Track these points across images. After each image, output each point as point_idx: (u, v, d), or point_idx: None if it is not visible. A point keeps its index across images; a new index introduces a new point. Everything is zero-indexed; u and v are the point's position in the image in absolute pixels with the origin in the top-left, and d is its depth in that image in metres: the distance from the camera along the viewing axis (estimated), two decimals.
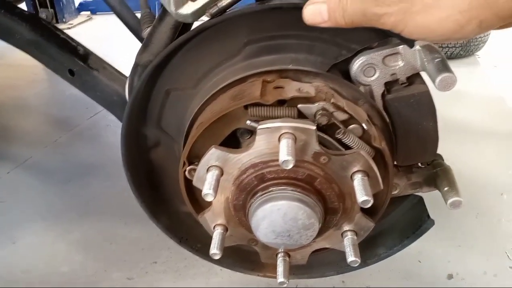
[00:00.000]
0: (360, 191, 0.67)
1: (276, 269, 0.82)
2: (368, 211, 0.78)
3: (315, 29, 0.66)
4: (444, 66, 0.68)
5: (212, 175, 0.71)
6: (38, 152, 1.95)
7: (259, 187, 0.73)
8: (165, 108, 0.87)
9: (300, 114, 0.72)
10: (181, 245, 0.97)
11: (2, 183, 1.74)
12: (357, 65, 0.75)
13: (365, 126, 0.72)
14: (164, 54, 0.77)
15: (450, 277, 1.27)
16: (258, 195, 0.73)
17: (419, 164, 0.85)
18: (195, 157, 0.77)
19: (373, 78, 0.76)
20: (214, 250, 0.76)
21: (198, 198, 0.84)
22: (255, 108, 0.72)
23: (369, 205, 0.67)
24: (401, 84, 0.76)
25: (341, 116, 0.72)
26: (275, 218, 0.71)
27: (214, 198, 0.69)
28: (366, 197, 0.66)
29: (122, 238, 1.44)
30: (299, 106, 0.72)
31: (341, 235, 0.79)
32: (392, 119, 0.78)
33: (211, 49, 0.79)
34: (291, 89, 0.72)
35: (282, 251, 0.83)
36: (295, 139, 0.68)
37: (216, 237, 0.78)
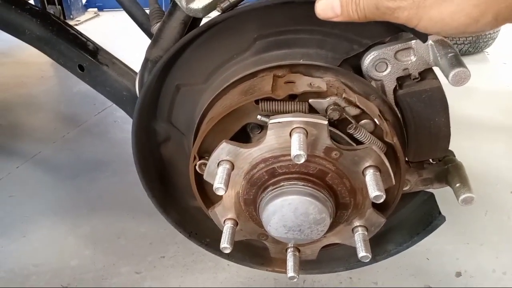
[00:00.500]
0: (372, 186, 0.67)
1: (286, 264, 0.82)
2: (379, 206, 0.78)
3: (326, 23, 0.66)
4: (457, 61, 0.68)
5: (223, 169, 0.71)
6: (47, 147, 1.97)
7: (270, 182, 0.73)
8: (175, 103, 0.87)
9: (311, 109, 0.72)
10: (190, 239, 0.98)
11: (12, 178, 1.76)
12: (368, 60, 0.74)
13: (377, 121, 0.72)
14: (175, 49, 0.77)
15: (458, 274, 1.26)
16: (269, 189, 0.73)
17: (431, 160, 0.85)
18: (205, 152, 0.78)
19: (385, 73, 0.75)
20: (225, 244, 0.76)
21: (208, 193, 0.84)
22: (266, 103, 0.72)
23: (381, 200, 0.67)
24: (413, 79, 0.75)
25: (352, 111, 0.72)
26: (286, 212, 0.71)
27: (225, 192, 0.70)
28: (379, 192, 0.66)
29: (130, 232, 1.45)
30: (310, 101, 0.71)
31: (352, 230, 0.79)
32: (404, 114, 0.78)
33: (221, 44, 0.79)
34: (302, 83, 0.72)
35: (292, 246, 0.83)
36: (306, 134, 0.67)
37: (226, 231, 0.79)
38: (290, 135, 0.68)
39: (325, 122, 0.68)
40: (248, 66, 0.78)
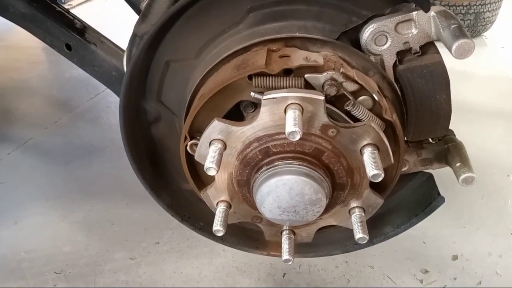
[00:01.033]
0: (371, 165, 0.65)
1: (281, 247, 0.81)
2: (376, 187, 0.76)
3: None
4: (461, 32, 0.64)
5: (215, 148, 0.68)
6: (39, 133, 1.93)
7: (264, 162, 0.70)
8: (166, 81, 0.83)
9: (307, 85, 0.69)
10: (183, 223, 0.95)
11: (3, 164, 1.72)
12: (367, 32, 0.71)
13: (376, 97, 0.69)
14: (162, 21, 0.73)
15: (455, 258, 1.26)
16: (262, 169, 0.70)
17: (430, 140, 0.82)
18: (197, 132, 0.75)
19: (385, 47, 0.72)
20: (218, 226, 0.74)
21: (200, 175, 0.82)
22: (259, 78, 0.68)
23: (379, 179, 0.64)
24: (414, 53, 0.72)
25: (350, 86, 0.69)
26: (280, 193, 0.69)
27: (217, 172, 0.67)
28: (377, 171, 0.63)
29: (124, 218, 1.43)
30: (306, 76, 0.68)
31: (349, 212, 0.77)
32: (404, 91, 0.75)
33: (212, 16, 0.75)
34: (298, 58, 0.69)
35: (287, 228, 0.81)
36: (302, 110, 0.65)
37: (219, 213, 0.76)
38: (285, 111, 0.65)
39: (322, 98, 0.65)
40: (241, 40, 0.74)
